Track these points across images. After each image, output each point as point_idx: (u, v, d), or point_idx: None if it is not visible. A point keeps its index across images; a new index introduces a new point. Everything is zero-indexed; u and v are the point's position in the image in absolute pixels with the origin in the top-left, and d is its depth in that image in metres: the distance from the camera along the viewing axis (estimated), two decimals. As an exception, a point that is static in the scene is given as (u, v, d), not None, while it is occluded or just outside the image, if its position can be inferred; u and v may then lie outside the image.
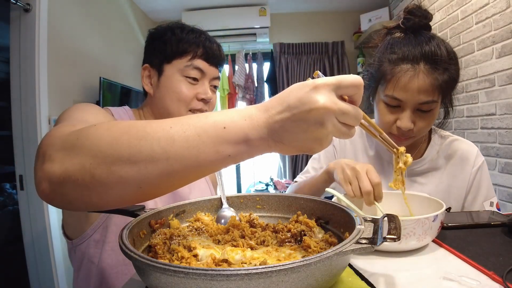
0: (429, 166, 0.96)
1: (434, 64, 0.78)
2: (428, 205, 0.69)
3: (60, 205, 0.44)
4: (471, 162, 0.93)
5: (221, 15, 3.39)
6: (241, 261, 0.44)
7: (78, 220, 0.79)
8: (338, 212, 0.55)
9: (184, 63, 0.84)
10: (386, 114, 0.84)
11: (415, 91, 0.78)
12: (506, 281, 0.45)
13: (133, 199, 0.42)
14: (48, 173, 0.40)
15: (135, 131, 0.40)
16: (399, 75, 0.79)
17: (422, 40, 0.81)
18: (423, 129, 0.84)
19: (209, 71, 0.87)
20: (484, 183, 0.94)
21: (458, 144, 0.96)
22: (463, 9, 2.02)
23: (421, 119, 0.82)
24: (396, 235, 0.40)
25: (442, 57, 0.79)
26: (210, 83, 0.89)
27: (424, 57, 0.78)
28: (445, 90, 0.81)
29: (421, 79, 0.77)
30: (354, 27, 3.55)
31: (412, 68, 0.78)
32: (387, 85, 0.82)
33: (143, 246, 0.51)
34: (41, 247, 1.84)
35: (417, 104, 0.80)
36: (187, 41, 0.84)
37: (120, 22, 2.91)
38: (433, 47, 0.79)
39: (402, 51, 0.81)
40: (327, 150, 1.07)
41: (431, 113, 0.83)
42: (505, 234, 0.66)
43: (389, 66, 0.82)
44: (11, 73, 1.83)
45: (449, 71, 0.80)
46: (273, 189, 3.39)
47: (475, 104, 1.97)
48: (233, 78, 3.57)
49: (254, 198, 0.66)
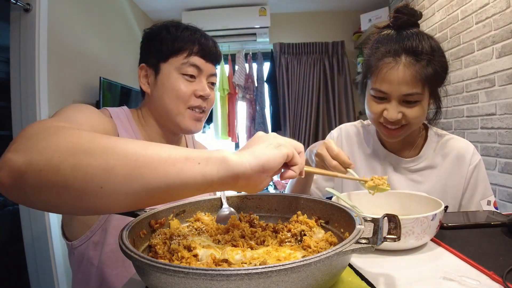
0: (425, 164, 0.96)
1: (415, 57, 0.81)
2: (426, 204, 0.69)
3: (17, 199, 0.40)
4: (468, 160, 0.94)
5: (221, 15, 3.40)
6: (241, 261, 0.44)
7: (77, 222, 0.79)
8: (338, 212, 0.55)
9: (180, 61, 0.84)
10: (374, 105, 0.88)
11: (396, 83, 0.81)
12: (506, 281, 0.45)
13: (94, 204, 0.39)
14: (10, 160, 0.38)
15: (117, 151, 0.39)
16: (381, 68, 0.84)
17: (405, 35, 0.85)
18: (414, 120, 0.85)
19: (205, 67, 0.87)
20: (481, 181, 0.94)
21: (455, 142, 0.97)
22: (463, 9, 2.02)
23: (409, 110, 0.84)
24: (396, 235, 0.40)
25: (423, 50, 0.81)
26: (208, 80, 0.89)
27: (405, 50, 0.82)
28: (432, 83, 0.83)
29: (401, 71, 0.81)
30: (354, 27, 3.55)
31: (394, 61, 0.82)
32: (373, 79, 0.87)
33: (143, 246, 0.51)
34: (41, 247, 1.84)
35: (401, 96, 0.82)
36: (183, 38, 0.84)
37: (120, 22, 2.91)
38: (414, 42, 0.82)
39: (385, 46, 0.85)
40: None
41: (418, 105, 0.84)
42: (505, 234, 0.66)
43: (374, 61, 0.87)
44: (11, 73, 1.83)
45: (433, 64, 0.82)
46: (273, 189, 3.40)
47: (475, 104, 1.97)
48: (233, 78, 3.57)
49: (254, 198, 0.66)
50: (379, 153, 1.01)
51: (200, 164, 0.40)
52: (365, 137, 1.06)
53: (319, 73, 3.58)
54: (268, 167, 0.43)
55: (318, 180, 1.09)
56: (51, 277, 1.86)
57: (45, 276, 1.86)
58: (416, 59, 0.81)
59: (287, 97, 3.61)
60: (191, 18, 3.36)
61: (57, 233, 1.86)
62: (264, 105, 3.65)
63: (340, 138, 1.09)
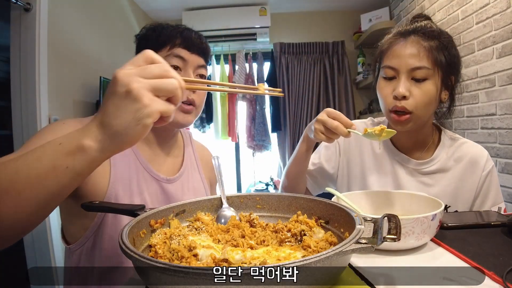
0: (437, 167, 0.94)
1: (423, 35, 0.86)
2: (426, 204, 0.69)
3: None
4: (481, 166, 0.92)
5: (222, 15, 3.39)
6: (241, 261, 0.44)
7: (74, 226, 0.78)
8: (338, 212, 0.55)
9: (164, 54, 0.84)
10: (385, 87, 0.89)
11: (406, 56, 0.85)
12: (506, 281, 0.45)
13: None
14: None
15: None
16: (392, 46, 0.89)
17: (416, 21, 0.91)
18: (420, 102, 0.84)
19: (191, 58, 0.85)
20: (493, 188, 0.92)
21: (469, 147, 0.95)
22: (464, 9, 2.02)
23: (416, 88, 0.85)
24: (396, 235, 0.40)
25: (432, 31, 0.86)
26: (196, 72, 0.87)
27: (415, 30, 0.87)
28: (441, 65, 0.85)
29: (409, 45, 0.86)
30: (354, 27, 3.54)
31: (403, 39, 0.88)
32: (383, 59, 0.91)
33: (143, 246, 0.51)
34: (41, 247, 1.84)
35: (410, 70, 0.84)
36: (165, 34, 0.85)
37: (120, 21, 2.91)
38: (424, 24, 0.88)
39: (397, 30, 0.92)
40: (328, 147, 1.06)
41: (426, 84, 0.84)
42: (505, 234, 0.66)
43: (386, 44, 0.92)
44: (11, 73, 1.83)
45: (442, 45, 0.85)
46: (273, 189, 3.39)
47: (475, 104, 1.97)
48: (233, 77, 3.57)
49: (254, 198, 0.66)
50: (389, 152, 0.99)
51: (68, 167, 0.44)
52: None
53: (319, 73, 3.58)
54: (128, 144, 0.45)
55: (318, 178, 1.07)
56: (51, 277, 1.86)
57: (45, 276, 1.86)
58: (424, 38, 0.85)
59: (287, 97, 3.61)
60: (191, 18, 3.36)
61: (57, 234, 1.86)
62: (264, 105, 3.65)
63: (348, 139, 1.06)
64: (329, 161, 1.05)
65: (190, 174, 0.95)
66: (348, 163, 1.03)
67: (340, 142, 1.05)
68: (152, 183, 0.84)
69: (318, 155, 1.08)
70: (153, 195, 0.83)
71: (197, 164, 1.00)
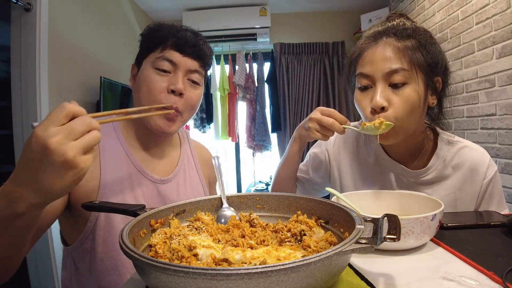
0: (434, 176, 0.87)
1: (395, 36, 0.77)
2: (426, 204, 0.69)
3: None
4: (482, 173, 0.85)
5: (222, 15, 3.40)
6: (241, 260, 0.44)
7: (71, 228, 0.78)
8: (338, 212, 0.55)
9: (156, 55, 0.81)
10: (362, 99, 0.81)
11: (379, 60, 0.76)
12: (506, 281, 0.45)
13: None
14: None
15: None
16: (363, 52, 0.81)
17: (389, 21, 0.82)
18: (401, 112, 0.75)
19: (182, 62, 0.80)
20: (496, 195, 0.86)
21: (468, 153, 0.87)
22: (464, 9, 2.02)
23: (395, 96, 0.76)
24: (396, 235, 0.41)
25: (405, 28, 0.78)
26: (187, 77, 0.82)
27: (386, 31, 0.79)
28: (421, 65, 0.76)
29: (381, 47, 0.77)
30: (354, 27, 3.55)
31: (375, 42, 0.79)
32: (357, 68, 0.82)
33: (143, 246, 0.51)
34: (41, 247, 1.84)
35: (386, 76, 0.76)
36: (160, 33, 0.82)
37: (120, 21, 2.91)
38: (396, 22, 0.80)
39: (367, 33, 0.83)
40: (316, 154, 1.01)
41: (406, 90, 0.75)
42: (505, 234, 0.66)
43: (356, 51, 0.83)
44: (12, 73, 1.83)
45: (419, 43, 0.77)
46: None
47: (475, 105, 1.97)
48: (233, 78, 3.58)
49: (254, 198, 0.66)
50: (383, 162, 0.91)
51: (16, 226, 0.50)
52: (367, 142, 0.95)
53: (319, 73, 3.58)
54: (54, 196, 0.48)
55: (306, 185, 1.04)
56: (51, 277, 1.86)
57: (45, 276, 1.86)
58: (397, 38, 0.77)
59: (287, 97, 3.61)
60: (191, 18, 3.37)
61: (57, 234, 1.85)
62: (264, 105, 3.65)
63: (338, 142, 0.99)
64: (318, 169, 1.01)
65: (187, 173, 0.94)
66: (339, 170, 0.98)
67: (329, 149, 1.00)
68: (147, 184, 0.83)
69: (305, 163, 1.04)
70: (148, 196, 0.82)
71: (195, 162, 0.99)
